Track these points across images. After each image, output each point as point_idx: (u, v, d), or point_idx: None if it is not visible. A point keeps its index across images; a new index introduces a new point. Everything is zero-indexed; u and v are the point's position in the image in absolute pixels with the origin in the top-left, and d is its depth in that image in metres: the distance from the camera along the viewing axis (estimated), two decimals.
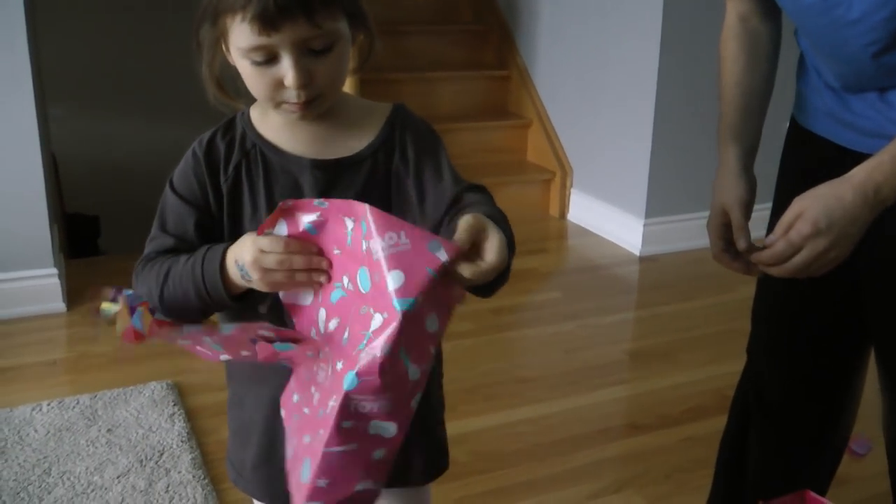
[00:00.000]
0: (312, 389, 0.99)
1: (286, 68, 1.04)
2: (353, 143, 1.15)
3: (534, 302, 3.54)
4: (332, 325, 0.97)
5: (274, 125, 1.15)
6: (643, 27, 3.82)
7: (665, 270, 3.82)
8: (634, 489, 2.22)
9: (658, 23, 3.71)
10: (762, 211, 1.47)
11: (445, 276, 0.90)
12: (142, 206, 1.19)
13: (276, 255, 0.98)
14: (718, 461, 1.80)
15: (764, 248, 1.31)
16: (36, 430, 2.36)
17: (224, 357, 1.02)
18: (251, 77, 1.06)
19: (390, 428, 0.92)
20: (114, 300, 0.96)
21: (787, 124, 1.56)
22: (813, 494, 1.43)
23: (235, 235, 1.12)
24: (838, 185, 1.22)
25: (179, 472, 2.18)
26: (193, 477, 2.16)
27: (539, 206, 4.60)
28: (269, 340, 0.96)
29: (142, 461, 2.23)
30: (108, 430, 2.37)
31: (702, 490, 1.88)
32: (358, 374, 0.88)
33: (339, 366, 0.92)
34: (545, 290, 3.67)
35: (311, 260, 0.99)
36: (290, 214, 0.98)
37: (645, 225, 3.95)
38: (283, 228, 0.98)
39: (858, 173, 1.21)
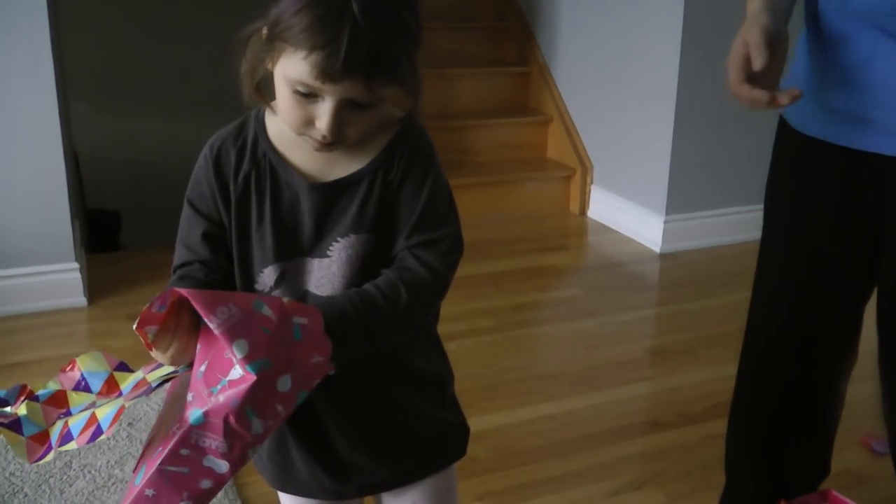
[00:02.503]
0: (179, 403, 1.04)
1: (323, 113, 1.03)
2: (354, 163, 1.12)
3: (554, 299, 3.53)
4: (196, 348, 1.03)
5: (286, 133, 1.13)
6: (664, 22, 3.80)
7: (685, 267, 3.80)
8: (656, 486, 2.21)
9: (679, 17, 3.69)
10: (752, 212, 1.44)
11: (283, 326, 0.96)
12: (162, 202, 1.19)
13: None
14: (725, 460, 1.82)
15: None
16: None
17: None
18: (287, 103, 1.05)
19: (223, 466, 0.99)
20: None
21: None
22: (836, 493, 1.42)
23: (241, 245, 1.14)
24: None
25: None
26: None
27: (559, 202, 4.58)
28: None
29: None
30: (129, 424, 2.37)
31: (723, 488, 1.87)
32: (205, 414, 0.95)
33: (190, 397, 0.99)
34: (565, 286, 3.66)
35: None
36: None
37: (665, 222, 3.93)
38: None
39: None
